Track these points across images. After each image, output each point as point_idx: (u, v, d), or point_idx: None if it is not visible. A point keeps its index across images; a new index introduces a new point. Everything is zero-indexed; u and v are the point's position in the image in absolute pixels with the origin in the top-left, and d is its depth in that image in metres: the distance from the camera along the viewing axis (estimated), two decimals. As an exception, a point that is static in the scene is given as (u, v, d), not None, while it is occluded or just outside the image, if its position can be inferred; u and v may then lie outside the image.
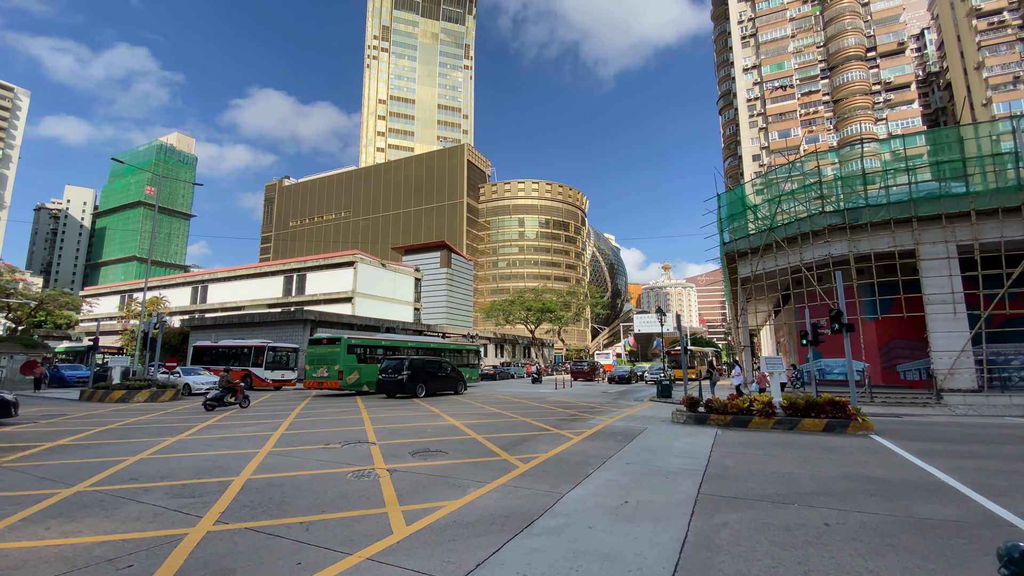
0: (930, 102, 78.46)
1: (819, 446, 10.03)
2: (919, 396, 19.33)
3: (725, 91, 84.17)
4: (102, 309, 61.67)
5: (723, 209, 27.23)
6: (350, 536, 4.85)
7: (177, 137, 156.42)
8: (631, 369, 45.48)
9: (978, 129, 21.97)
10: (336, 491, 6.49)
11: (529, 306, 66.37)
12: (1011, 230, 18.36)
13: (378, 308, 50.44)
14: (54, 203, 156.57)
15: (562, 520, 5.35)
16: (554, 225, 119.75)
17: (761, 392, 15.87)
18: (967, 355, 18.53)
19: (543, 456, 8.90)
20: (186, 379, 24.00)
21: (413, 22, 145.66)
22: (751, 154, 74.15)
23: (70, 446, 9.76)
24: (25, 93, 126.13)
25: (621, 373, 41.33)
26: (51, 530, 4.99)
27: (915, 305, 19.82)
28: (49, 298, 49.41)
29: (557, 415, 15.67)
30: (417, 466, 8.04)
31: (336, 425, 12.96)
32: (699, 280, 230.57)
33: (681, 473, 7.61)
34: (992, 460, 8.79)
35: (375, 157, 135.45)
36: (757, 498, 6.24)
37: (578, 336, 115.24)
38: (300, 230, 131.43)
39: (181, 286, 61.31)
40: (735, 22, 78.67)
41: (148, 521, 5.28)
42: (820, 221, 21.41)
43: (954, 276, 18.91)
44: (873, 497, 6.29)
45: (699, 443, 10.31)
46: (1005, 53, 59.40)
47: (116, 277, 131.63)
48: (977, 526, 5.18)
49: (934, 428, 13.06)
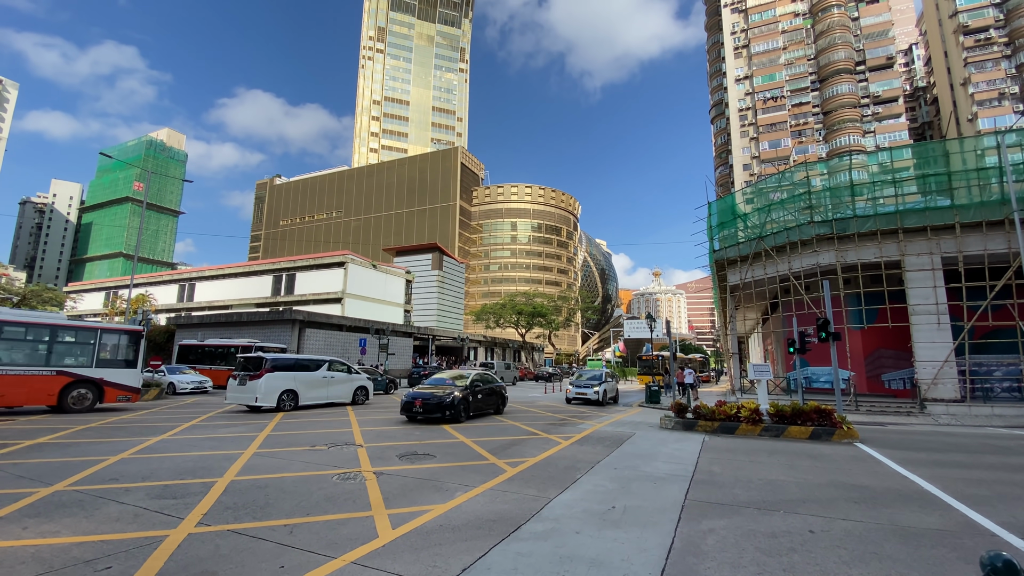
0: (917, 116, 79.88)
1: (805, 453, 10.11)
2: (903, 405, 19.57)
3: (717, 100, 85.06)
4: (86, 306, 60.71)
5: (713, 217, 27.44)
6: (335, 539, 4.79)
7: (167, 133, 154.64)
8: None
9: (964, 144, 22.39)
10: (321, 493, 6.42)
11: (520, 309, 66.35)
12: (994, 243, 18.71)
13: (368, 309, 50.12)
14: (40, 197, 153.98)
15: (549, 525, 5.33)
16: (546, 229, 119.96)
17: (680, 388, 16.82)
18: (950, 365, 18.81)
19: (531, 460, 8.88)
20: (171, 378, 23.66)
21: (409, 24, 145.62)
22: (742, 163, 74.94)
23: (49, 444, 9.57)
24: (13, 85, 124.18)
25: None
26: (28, 530, 4.88)
27: (900, 315, 20.09)
28: (32, 293, 48.60)
29: (546, 419, 15.64)
30: (404, 469, 7.98)
31: (323, 427, 12.84)
32: (689, 287, 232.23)
33: (668, 479, 7.62)
34: (974, 470, 8.91)
35: (368, 158, 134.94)
36: (743, 505, 6.27)
37: (568, 341, 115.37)
38: (291, 229, 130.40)
39: (168, 284, 60.48)
40: (728, 33, 79.63)
41: (128, 522, 5.18)
42: (808, 231, 21.67)
43: (939, 287, 19.21)
44: (858, 505, 6.34)
45: (686, 449, 10.35)
46: (991, 70, 60.71)
47: (102, 273, 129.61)
48: (960, 535, 5.24)
49: (918, 437, 13.22)
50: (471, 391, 15.19)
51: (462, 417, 14.42)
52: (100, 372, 15.89)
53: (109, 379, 16.04)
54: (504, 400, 17.32)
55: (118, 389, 16.23)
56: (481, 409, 15.81)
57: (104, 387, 15.90)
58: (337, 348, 36.58)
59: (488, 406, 16.25)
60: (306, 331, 34.51)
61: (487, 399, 16.13)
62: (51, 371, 14.94)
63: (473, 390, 15.33)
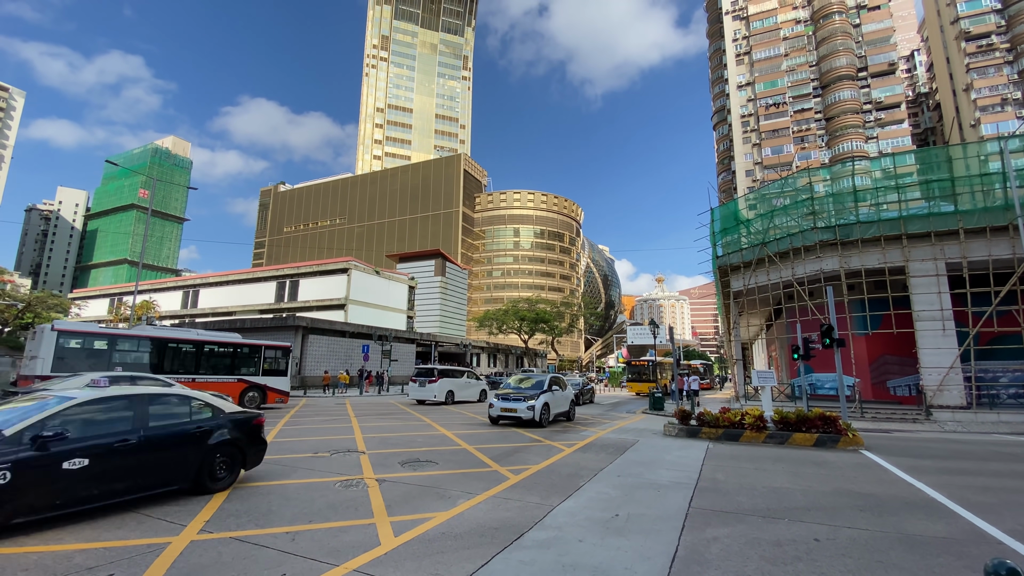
0: (920, 122, 79.92)
1: (810, 461, 10.04)
2: (909, 412, 19.43)
3: (719, 107, 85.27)
4: (91, 312, 61.03)
5: (716, 223, 27.44)
6: (337, 547, 4.78)
7: (173, 141, 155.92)
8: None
9: (967, 149, 22.36)
10: (324, 501, 6.41)
11: (523, 316, 66.29)
12: (999, 249, 18.64)
13: (371, 315, 50.19)
14: (45, 204, 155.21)
15: (552, 533, 5.31)
16: (549, 236, 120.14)
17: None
18: (956, 372, 18.69)
19: (534, 468, 8.85)
20: (175, 386, 23.72)
21: (412, 32, 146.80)
22: (745, 169, 75.00)
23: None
24: (20, 93, 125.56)
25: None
26: (31, 536, 4.88)
27: (905, 321, 20.00)
28: (37, 300, 48.83)
29: (549, 426, 15.59)
30: (407, 476, 7.97)
31: (326, 433, 12.83)
32: (692, 293, 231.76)
33: (672, 486, 7.58)
34: (981, 477, 8.83)
35: (371, 165, 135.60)
36: (748, 512, 6.23)
37: (571, 347, 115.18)
38: (294, 236, 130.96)
39: (172, 290, 60.80)
40: (730, 40, 79.95)
41: (131, 529, 5.19)
42: (812, 237, 21.64)
43: (943, 293, 19.13)
44: (863, 513, 6.29)
45: (690, 456, 10.29)
46: (993, 75, 60.72)
47: (106, 280, 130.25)
48: (966, 543, 5.19)
49: (923, 444, 13.12)
50: None
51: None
52: (264, 379, 20.44)
53: (270, 385, 20.60)
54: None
55: (276, 392, 20.72)
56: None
57: (267, 391, 20.32)
58: (340, 354, 36.59)
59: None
60: (309, 337, 34.57)
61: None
62: (234, 379, 19.47)
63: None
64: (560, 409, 16.70)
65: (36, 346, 15.76)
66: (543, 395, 15.45)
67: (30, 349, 16.45)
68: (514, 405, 15.07)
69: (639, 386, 37.04)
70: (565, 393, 17.28)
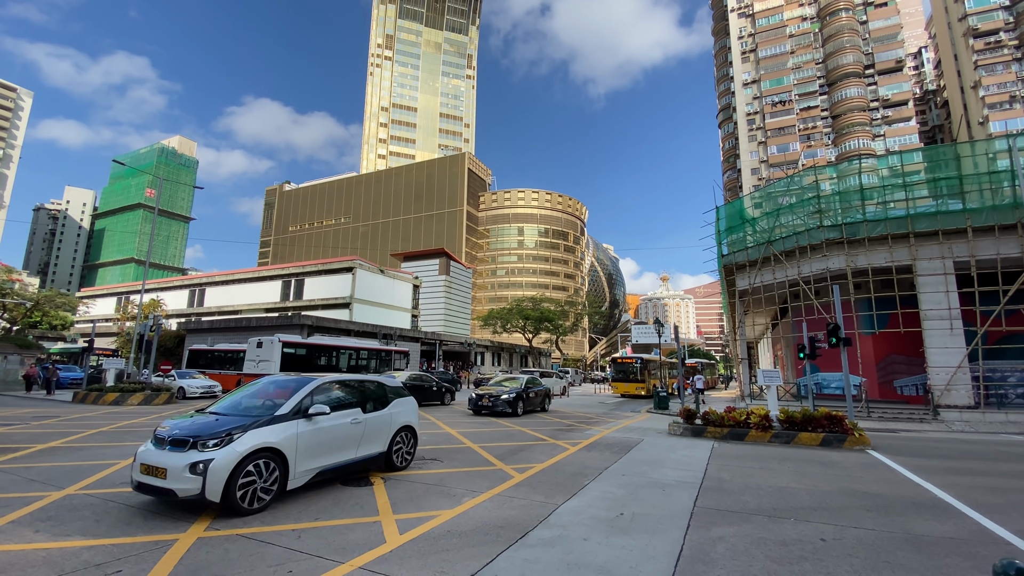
0: (927, 119, 79.21)
1: (816, 460, 10.00)
2: (916, 412, 19.30)
3: (725, 105, 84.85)
4: (99, 311, 61.43)
5: (722, 222, 27.34)
6: (342, 544, 4.80)
7: (179, 140, 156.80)
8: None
9: (975, 147, 22.18)
10: (329, 498, 6.44)
11: (527, 315, 66.23)
12: (1007, 247, 18.47)
13: (376, 314, 50.29)
14: (53, 203, 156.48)
15: (557, 531, 5.31)
16: (553, 234, 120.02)
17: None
18: (964, 371, 18.55)
19: (539, 466, 8.85)
20: (181, 383, 23.85)
21: (417, 31, 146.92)
22: (750, 167, 74.63)
23: (61, 448, 9.67)
24: (28, 94, 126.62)
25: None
26: (40, 533, 4.93)
27: (912, 320, 19.86)
28: (45, 299, 49.19)
29: (554, 425, 15.59)
30: (411, 474, 7.99)
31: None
32: (697, 292, 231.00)
33: (677, 485, 7.57)
34: (988, 477, 8.77)
35: (376, 164, 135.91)
36: (753, 512, 6.21)
37: (576, 346, 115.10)
38: (300, 235, 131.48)
39: (178, 289, 61.08)
40: (735, 38, 79.53)
41: (138, 526, 5.23)
42: (818, 235, 21.50)
43: (951, 292, 18.98)
44: (870, 513, 6.26)
45: (695, 455, 10.27)
46: (1001, 72, 60.10)
47: (114, 279, 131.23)
48: (973, 543, 5.16)
49: (931, 444, 13.03)
50: None
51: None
52: None
53: None
54: None
55: None
56: None
57: None
58: (345, 353, 36.71)
59: None
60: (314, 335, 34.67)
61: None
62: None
63: None
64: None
65: (267, 352, 22.84)
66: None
67: (258, 354, 23.20)
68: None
69: (625, 386, 33.18)
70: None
